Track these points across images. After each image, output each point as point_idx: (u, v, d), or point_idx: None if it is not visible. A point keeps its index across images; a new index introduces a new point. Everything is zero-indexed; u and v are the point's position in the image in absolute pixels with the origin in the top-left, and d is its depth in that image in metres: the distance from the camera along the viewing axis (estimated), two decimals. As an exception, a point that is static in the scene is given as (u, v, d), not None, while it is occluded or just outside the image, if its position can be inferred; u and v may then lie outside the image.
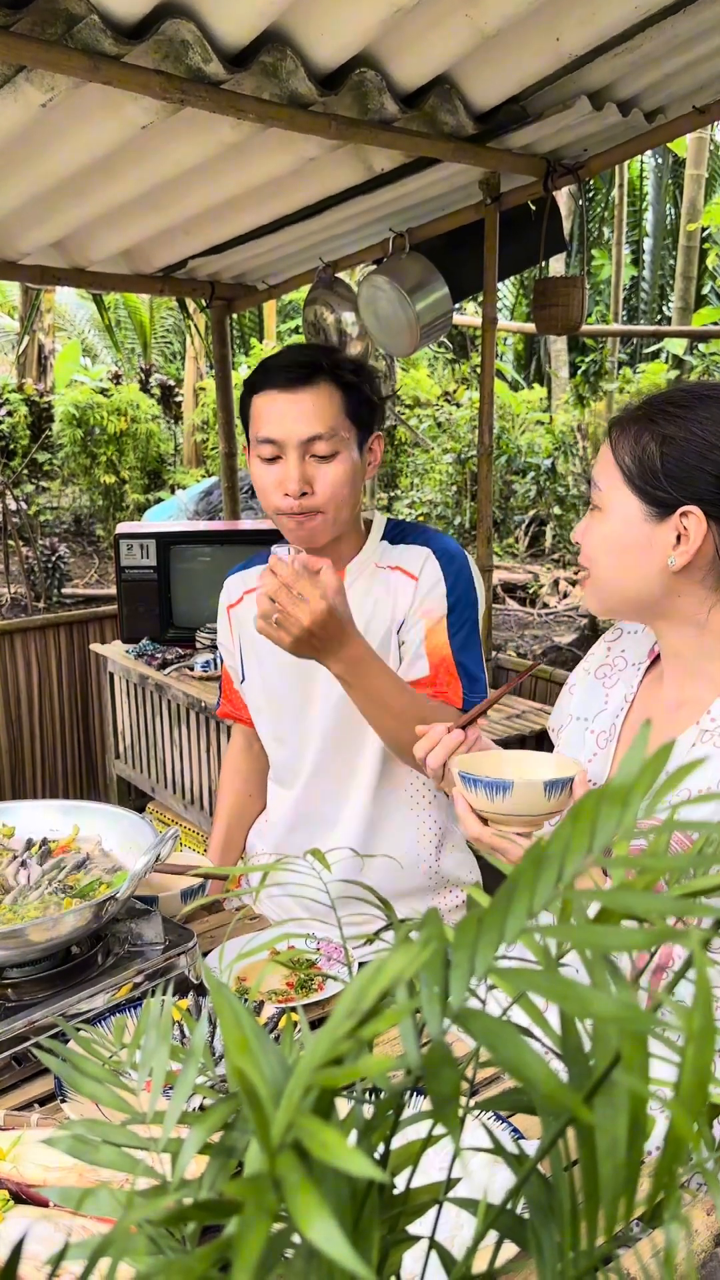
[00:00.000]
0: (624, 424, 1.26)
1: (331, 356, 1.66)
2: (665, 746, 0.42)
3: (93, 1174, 0.98)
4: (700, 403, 1.21)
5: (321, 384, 1.62)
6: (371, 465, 1.74)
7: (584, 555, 1.31)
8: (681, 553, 1.19)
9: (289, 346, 1.73)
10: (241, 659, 1.88)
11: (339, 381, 1.63)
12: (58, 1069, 0.58)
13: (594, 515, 1.28)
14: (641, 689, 1.37)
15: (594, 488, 1.29)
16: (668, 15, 2.28)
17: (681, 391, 1.25)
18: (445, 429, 8.65)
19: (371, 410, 1.70)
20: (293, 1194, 0.32)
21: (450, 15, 2.11)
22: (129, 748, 4.09)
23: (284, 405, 1.61)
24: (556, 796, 1.17)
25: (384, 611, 1.72)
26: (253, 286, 4.09)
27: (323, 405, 1.61)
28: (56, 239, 3.19)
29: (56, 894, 1.45)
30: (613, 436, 1.27)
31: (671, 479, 1.19)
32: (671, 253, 13.56)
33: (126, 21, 1.92)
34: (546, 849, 0.42)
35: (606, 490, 1.25)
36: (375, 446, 1.73)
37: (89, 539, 10.52)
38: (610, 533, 1.25)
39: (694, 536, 1.18)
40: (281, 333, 13.64)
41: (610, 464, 1.25)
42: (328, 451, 1.62)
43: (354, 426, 1.65)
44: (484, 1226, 0.49)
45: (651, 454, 1.20)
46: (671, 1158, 0.35)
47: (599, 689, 1.43)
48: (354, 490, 1.68)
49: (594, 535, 1.28)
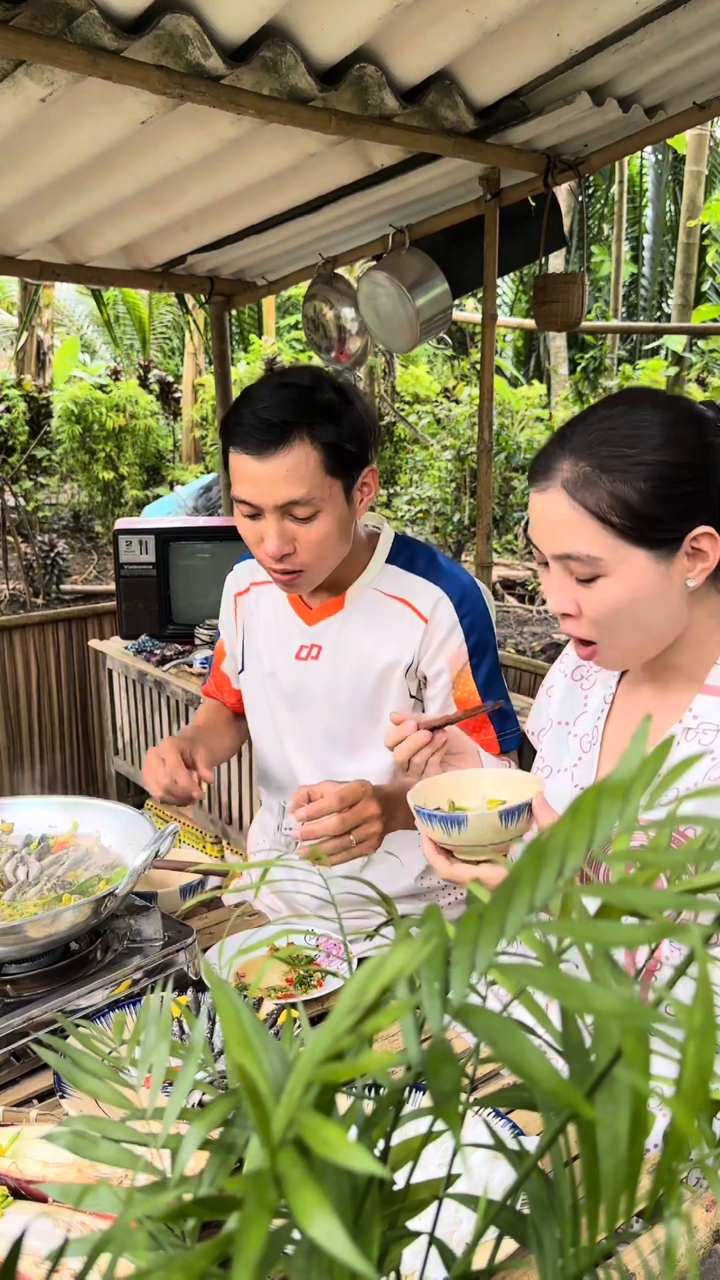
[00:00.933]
0: (582, 480, 1.12)
1: (309, 406, 1.51)
2: (666, 741, 0.42)
3: (92, 1170, 0.98)
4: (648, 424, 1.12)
5: (296, 445, 1.49)
6: (364, 501, 1.63)
7: (588, 628, 1.18)
8: (701, 571, 1.14)
9: (263, 388, 1.55)
10: (243, 649, 1.87)
11: (317, 439, 1.51)
12: (57, 1065, 0.58)
13: (594, 586, 1.15)
14: (620, 690, 1.35)
15: (574, 560, 1.14)
16: (668, 11, 2.28)
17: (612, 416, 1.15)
18: (444, 425, 8.64)
19: (360, 453, 1.58)
20: (294, 1190, 0.32)
21: (451, 10, 2.10)
22: (128, 744, 4.09)
23: (256, 470, 1.51)
24: (514, 824, 1.13)
25: (388, 648, 1.68)
26: (252, 282, 4.08)
27: (298, 469, 1.50)
28: (56, 234, 3.18)
29: (55, 890, 1.45)
30: (576, 496, 1.13)
31: (672, 516, 1.11)
32: (671, 249, 13.55)
33: (126, 16, 1.92)
34: (547, 844, 0.41)
35: (605, 555, 1.12)
36: (369, 480, 1.62)
37: (88, 535, 10.52)
38: (626, 596, 1.14)
39: (712, 554, 1.13)
40: (281, 328, 13.63)
41: (592, 527, 1.12)
42: (307, 514, 1.53)
43: (337, 479, 1.54)
44: (484, 1223, 0.48)
45: (641, 500, 1.10)
46: (672, 1154, 0.35)
47: (577, 691, 1.42)
48: (340, 540, 1.59)
49: (604, 605, 1.15)
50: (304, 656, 1.75)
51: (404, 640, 1.67)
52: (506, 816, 1.12)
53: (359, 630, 1.70)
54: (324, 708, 1.74)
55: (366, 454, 1.61)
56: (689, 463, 1.11)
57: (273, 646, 1.79)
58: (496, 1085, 1.21)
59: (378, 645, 1.68)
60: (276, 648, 1.78)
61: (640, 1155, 0.38)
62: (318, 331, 3.79)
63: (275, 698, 1.79)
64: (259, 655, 1.82)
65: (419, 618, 1.68)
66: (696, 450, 1.12)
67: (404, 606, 1.69)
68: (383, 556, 1.72)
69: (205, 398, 10.53)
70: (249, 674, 1.86)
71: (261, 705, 1.83)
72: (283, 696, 1.77)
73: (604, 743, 1.34)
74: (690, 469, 1.11)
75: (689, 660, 1.23)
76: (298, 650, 1.75)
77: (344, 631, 1.71)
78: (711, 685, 1.21)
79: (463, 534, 8.18)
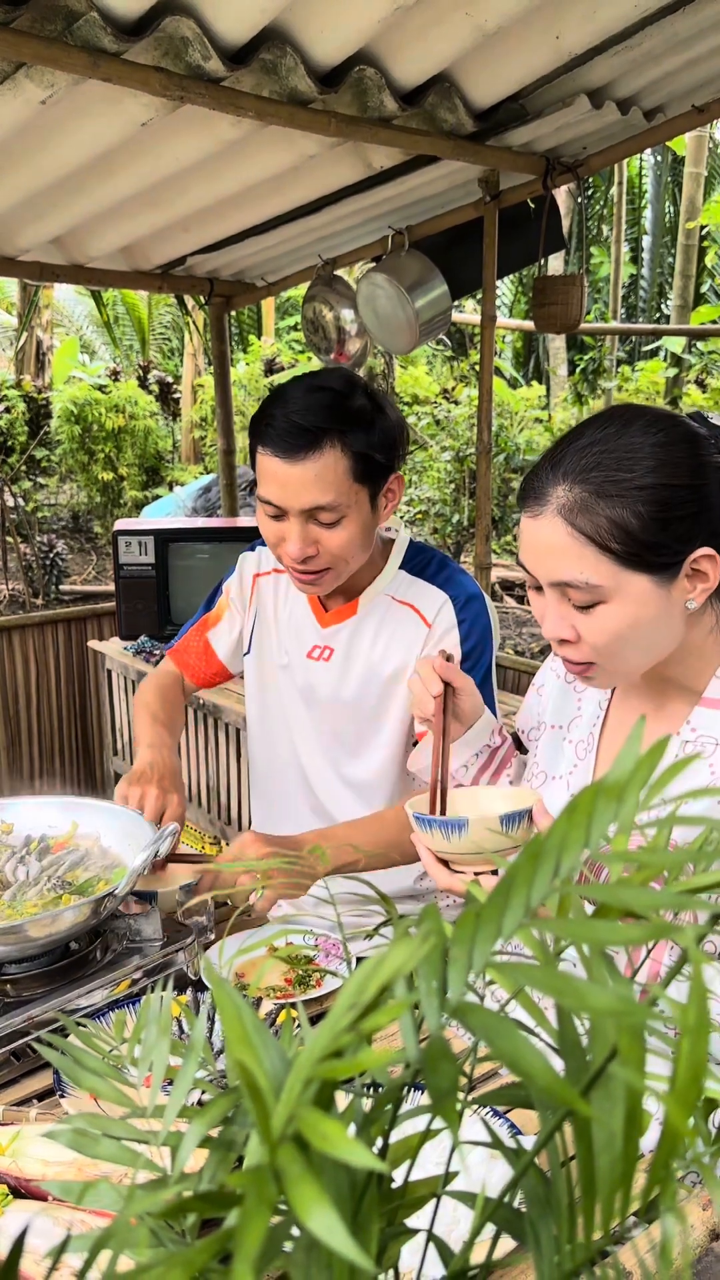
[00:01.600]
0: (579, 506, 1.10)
1: (341, 412, 1.50)
2: (660, 742, 0.42)
3: (92, 1168, 0.98)
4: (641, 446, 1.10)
5: (327, 451, 1.48)
6: (388, 508, 1.63)
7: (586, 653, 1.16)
8: (702, 592, 1.13)
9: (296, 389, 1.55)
10: (253, 632, 1.85)
11: (348, 446, 1.50)
12: (59, 1063, 0.59)
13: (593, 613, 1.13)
14: (615, 697, 1.35)
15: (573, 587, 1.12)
16: (667, 14, 2.28)
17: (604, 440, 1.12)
18: (444, 427, 8.64)
19: (387, 461, 1.57)
20: (294, 1185, 0.32)
21: (450, 13, 2.11)
22: (127, 744, 4.09)
23: (285, 473, 1.50)
24: (514, 830, 1.12)
25: (395, 652, 1.69)
26: (252, 284, 4.08)
27: (326, 475, 1.49)
28: (55, 235, 3.19)
29: (55, 890, 1.45)
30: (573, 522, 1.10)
31: (674, 539, 1.09)
32: (670, 251, 13.56)
33: (126, 18, 1.92)
34: (543, 844, 0.42)
35: (606, 582, 1.10)
36: (395, 487, 1.62)
37: (87, 536, 10.52)
38: (627, 622, 1.12)
39: (713, 575, 1.12)
40: (280, 329, 13.63)
41: (591, 554, 1.10)
42: (333, 519, 1.53)
43: (364, 487, 1.54)
44: (482, 1220, 0.49)
45: (642, 525, 1.08)
46: (667, 1151, 0.36)
47: (570, 694, 1.41)
48: (364, 544, 1.59)
49: (605, 631, 1.13)
50: (316, 656, 1.76)
51: (409, 645, 1.68)
52: (507, 821, 1.11)
53: (370, 636, 1.71)
54: (331, 708, 1.74)
55: (394, 462, 1.60)
56: (686, 484, 1.09)
57: (286, 640, 1.79)
58: (493, 1085, 1.22)
59: (386, 651, 1.69)
60: (291, 641, 1.79)
61: (635, 1152, 0.38)
62: (317, 333, 3.80)
63: (289, 691, 1.79)
64: (269, 644, 1.81)
65: (423, 622, 1.68)
66: (692, 470, 1.10)
67: (411, 612, 1.70)
68: (396, 562, 1.73)
69: (204, 398, 10.54)
70: (257, 661, 1.84)
71: (272, 698, 1.83)
72: (296, 690, 1.78)
73: (599, 751, 1.33)
74: (687, 490, 1.09)
75: (685, 672, 1.22)
76: (310, 649, 1.76)
77: (356, 637, 1.72)
78: (710, 698, 1.19)
79: (462, 535, 8.18)
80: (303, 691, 1.77)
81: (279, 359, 10.84)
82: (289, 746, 1.83)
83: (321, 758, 1.79)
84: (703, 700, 1.20)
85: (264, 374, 10.46)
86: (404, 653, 1.68)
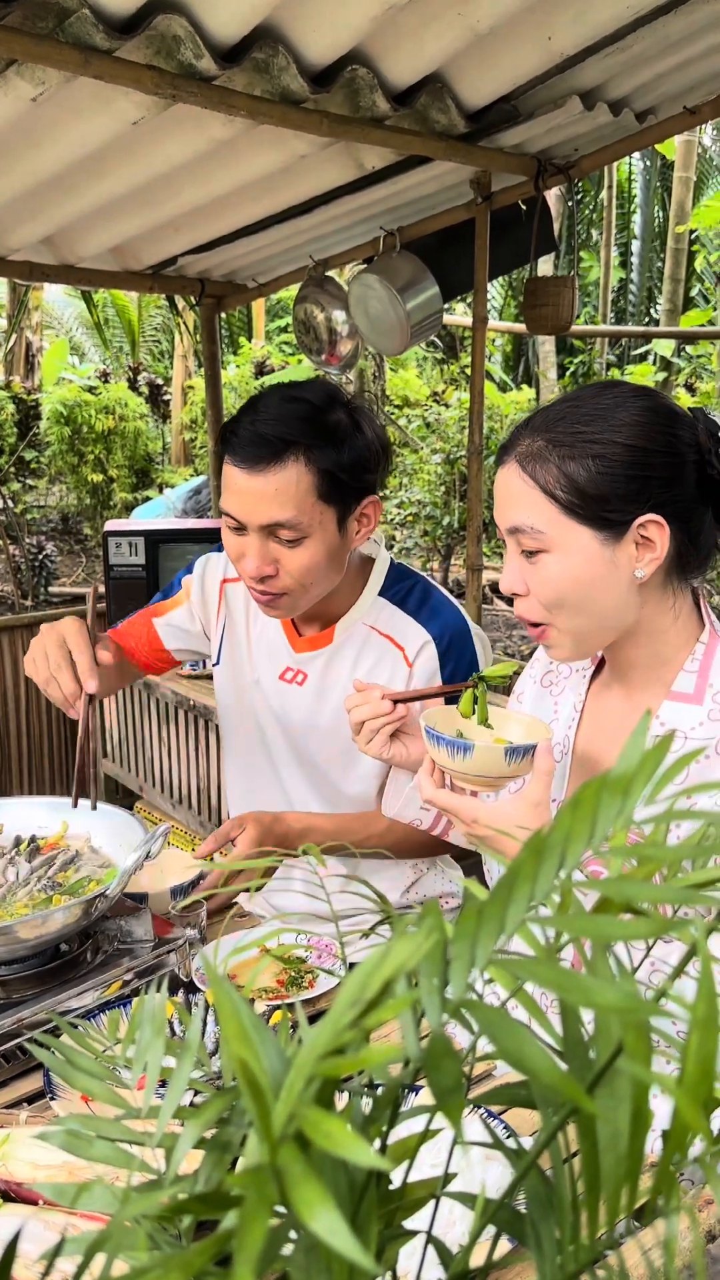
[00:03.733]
0: (534, 453, 1.15)
1: (312, 426, 1.44)
2: (668, 736, 0.42)
3: (83, 1171, 0.97)
4: (611, 407, 1.14)
5: (290, 465, 1.42)
6: (362, 533, 1.55)
7: (535, 609, 1.19)
8: (649, 562, 1.14)
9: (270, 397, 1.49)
10: (222, 643, 1.77)
11: (314, 462, 1.43)
12: (52, 1063, 0.58)
13: (538, 561, 1.16)
14: (590, 697, 1.35)
15: (521, 532, 1.16)
16: (659, 15, 2.28)
17: (580, 400, 1.17)
18: (434, 429, 8.64)
19: (356, 483, 1.50)
20: (295, 1185, 0.32)
21: (442, 13, 2.10)
22: (117, 746, 4.07)
23: (245, 484, 1.44)
24: (516, 762, 1.17)
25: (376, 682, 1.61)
26: (242, 284, 4.08)
27: (288, 490, 1.42)
28: (45, 235, 3.17)
29: (45, 891, 1.44)
30: (527, 469, 1.15)
31: (619, 497, 1.12)
32: (659, 255, 13.61)
33: (118, 16, 1.91)
34: (547, 839, 0.41)
35: (548, 530, 1.14)
36: (370, 512, 1.54)
37: (76, 537, 10.50)
38: (569, 574, 1.14)
39: (659, 544, 1.13)
40: (270, 331, 13.63)
41: (539, 500, 1.14)
42: (293, 537, 1.45)
43: (330, 506, 1.46)
44: (482, 1221, 0.48)
45: (589, 477, 1.11)
46: (675, 1146, 0.35)
47: (547, 697, 1.41)
48: (329, 569, 1.51)
49: (548, 583, 1.16)
50: (289, 679, 1.70)
51: (388, 680, 1.63)
52: (511, 754, 1.16)
53: (346, 666, 1.65)
54: (307, 733, 1.70)
55: (368, 483, 1.52)
56: (647, 449, 1.12)
57: (258, 656, 1.74)
58: (487, 1087, 1.21)
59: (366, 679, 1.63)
60: (263, 659, 1.73)
61: (641, 1150, 0.38)
62: (308, 334, 3.79)
63: (263, 710, 1.74)
64: (240, 658, 1.76)
65: (404, 660, 1.62)
66: (661, 440, 1.13)
67: (391, 645, 1.63)
68: (375, 588, 1.65)
69: (195, 400, 10.53)
70: (229, 673, 1.78)
71: (247, 715, 1.77)
72: (270, 711, 1.73)
73: (575, 750, 1.34)
74: (648, 455, 1.12)
75: (653, 660, 1.23)
76: (282, 670, 1.71)
77: (331, 665, 1.66)
78: (678, 692, 1.21)
79: (452, 538, 8.18)
80: (277, 714, 1.72)
81: (270, 361, 10.84)
82: (268, 765, 1.78)
83: (303, 781, 1.74)
84: (670, 694, 1.21)
85: (255, 376, 10.46)
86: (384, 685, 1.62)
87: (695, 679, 1.20)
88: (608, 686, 1.32)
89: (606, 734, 1.31)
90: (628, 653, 1.24)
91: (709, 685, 1.19)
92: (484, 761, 1.17)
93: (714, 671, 1.20)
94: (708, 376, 10.02)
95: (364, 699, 1.39)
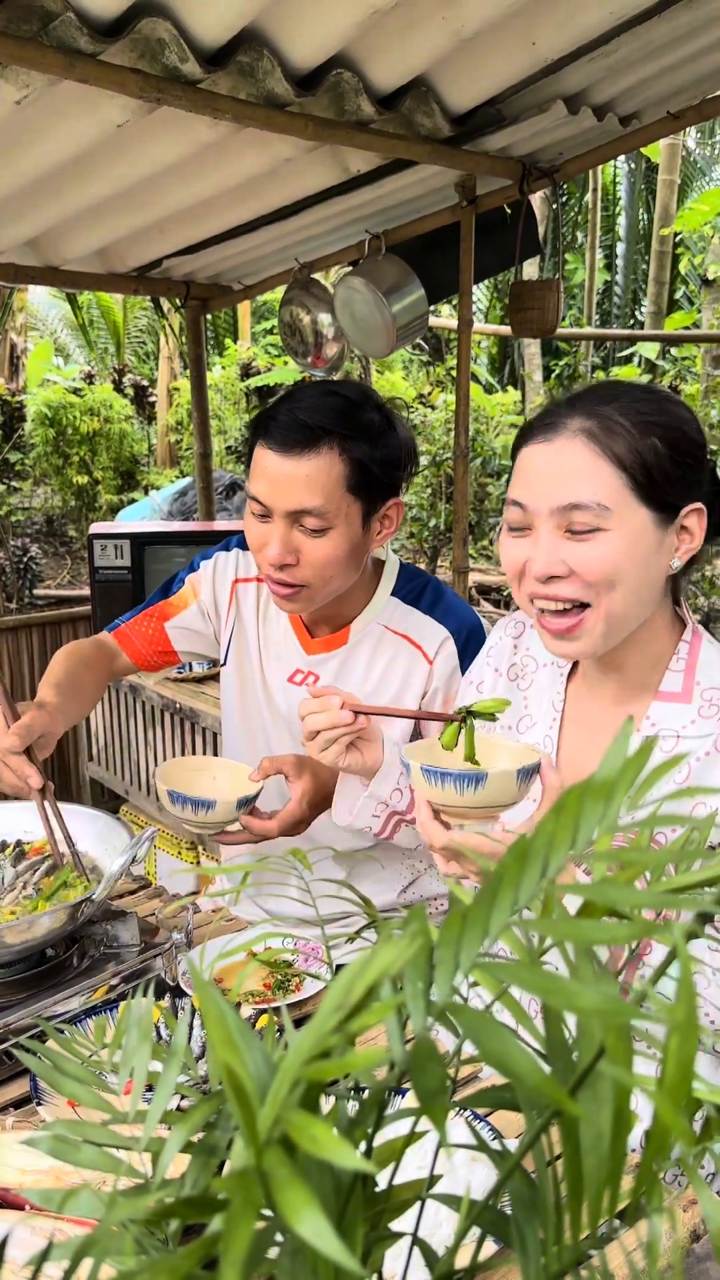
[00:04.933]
0: (605, 430, 1.12)
1: (348, 419, 1.46)
2: (649, 741, 0.42)
3: (71, 1176, 0.97)
4: (662, 399, 1.17)
5: (324, 453, 1.44)
6: (384, 534, 1.57)
7: (581, 591, 1.13)
8: (685, 552, 1.15)
9: (309, 389, 1.52)
10: (230, 643, 1.76)
11: (347, 453, 1.45)
12: (38, 1069, 0.58)
13: (592, 540, 1.11)
14: (571, 699, 1.34)
15: (581, 509, 1.11)
16: (643, 20, 2.30)
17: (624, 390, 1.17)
18: (420, 432, 8.66)
19: (388, 478, 1.52)
20: (280, 1188, 0.32)
21: (427, 17, 2.11)
22: (102, 749, 4.06)
23: (276, 468, 1.45)
24: (525, 784, 1.14)
25: (391, 684, 1.64)
26: (228, 287, 4.08)
27: (319, 478, 1.44)
28: (30, 237, 3.16)
29: (31, 896, 1.44)
30: (597, 444, 1.11)
31: (679, 483, 1.13)
32: (644, 257, 13.66)
33: (103, 19, 1.91)
34: (530, 844, 0.42)
35: (615, 506, 1.10)
36: (393, 514, 1.55)
37: (61, 539, 10.46)
38: (624, 555, 1.11)
39: (698, 534, 1.15)
40: (256, 333, 13.62)
41: (609, 475, 1.10)
42: (318, 526, 1.46)
43: (356, 500, 1.48)
44: (467, 1223, 0.49)
45: (658, 458, 1.11)
46: (656, 1148, 0.36)
47: (515, 693, 1.39)
48: (349, 564, 1.52)
49: (603, 561, 1.11)
50: (299, 682, 1.70)
51: (409, 680, 1.63)
52: (523, 775, 1.11)
53: (362, 667, 1.65)
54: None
55: (396, 482, 1.55)
56: (700, 442, 1.16)
57: (267, 659, 1.73)
58: (473, 1089, 1.21)
59: (381, 683, 1.64)
60: (272, 662, 1.72)
61: (623, 1152, 0.38)
62: (294, 336, 3.79)
63: (271, 715, 1.73)
64: (249, 661, 1.75)
65: (424, 658, 1.63)
66: (697, 429, 1.16)
67: (408, 644, 1.64)
68: (388, 589, 1.66)
69: (180, 402, 10.51)
70: (236, 676, 1.77)
71: (254, 718, 1.76)
72: (281, 719, 1.72)
73: (560, 752, 1.32)
74: (700, 449, 1.16)
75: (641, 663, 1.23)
76: (292, 673, 1.70)
77: (346, 667, 1.66)
78: (666, 691, 1.21)
79: (439, 539, 8.20)
80: (286, 719, 1.71)
81: (256, 363, 10.83)
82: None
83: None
84: (659, 694, 1.21)
85: (241, 378, 10.45)
86: (400, 685, 1.63)
87: (682, 678, 1.21)
88: (592, 688, 1.31)
89: (591, 739, 1.30)
90: (620, 653, 1.23)
91: (696, 683, 1.20)
92: (496, 790, 1.11)
93: (700, 669, 1.21)
94: (692, 379, 10.07)
95: (321, 706, 1.35)
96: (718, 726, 1.17)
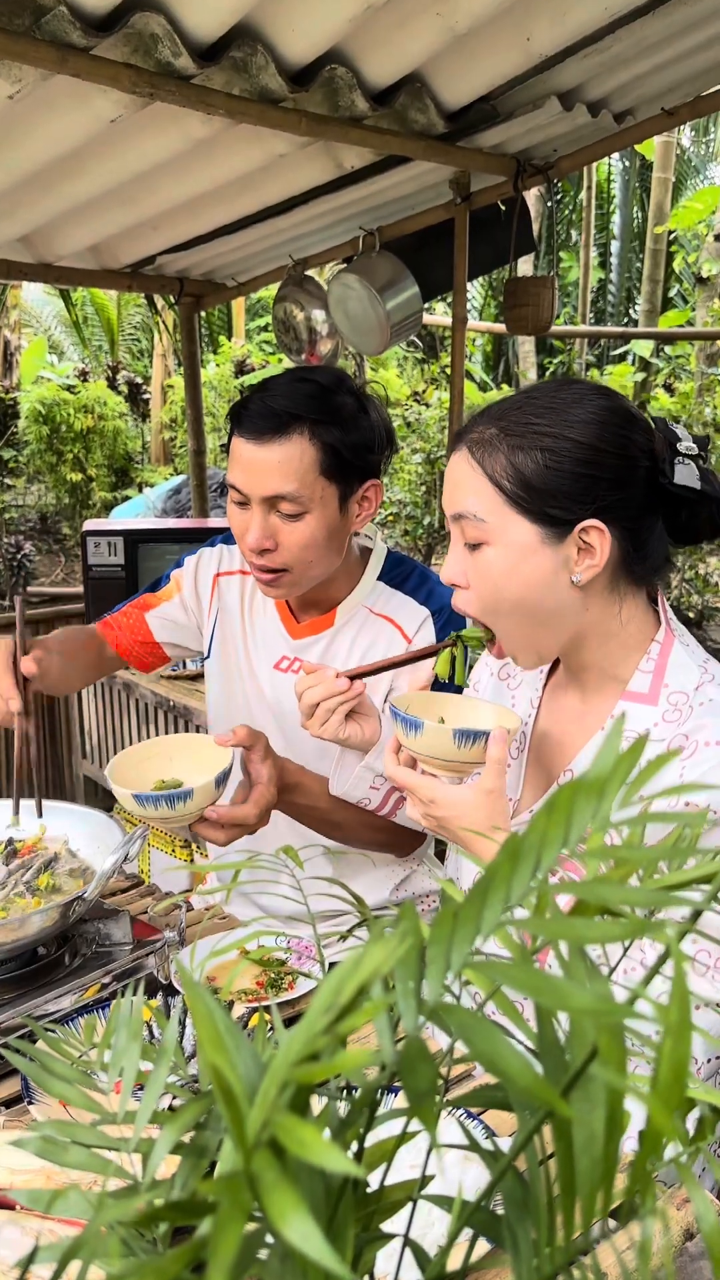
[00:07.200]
0: (484, 441, 1.13)
1: (320, 404, 1.49)
2: (641, 740, 0.42)
3: (61, 1176, 0.97)
4: (569, 402, 1.12)
5: (295, 438, 1.46)
6: (362, 517, 1.59)
7: (476, 604, 1.18)
8: (588, 568, 1.12)
9: (281, 377, 1.54)
10: (213, 635, 1.78)
11: (318, 438, 1.48)
12: (27, 1069, 0.58)
13: (479, 554, 1.14)
14: (546, 695, 1.35)
15: (465, 520, 1.14)
16: (638, 17, 2.29)
17: (538, 393, 1.16)
18: (414, 429, 8.65)
19: (363, 463, 1.54)
20: (269, 1192, 0.31)
21: (421, 13, 2.10)
22: (95, 747, 4.06)
23: (250, 455, 1.48)
24: (468, 747, 1.16)
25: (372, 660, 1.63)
26: (222, 283, 4.07)
27: (292, 463, 1.47)
28: (23, 233, 3.15)
29: (23, 894, 1.43)
30: (475, 456, 1.13)
31: (565, 495, 1.10)
32: (638, 255, 13.66)
33: (95, 13, 1.90)
34: (522, 842, 0.41)
35: (490, 519, 1.12)
36: (371, 495, 1.58)
37: (55, 537, 10.44)
38: (506, 567, 1.13)
39: (600, 551, 1.11)
40: (250, 330, 13.60)
41: (484, 487, 1.12)
42: (294, 511, 1.49)
43: (332, 483, 1.50)
44: (459, 1224, 0.48)
45: (535, 470, 1.10)
46: (649, 1149, 0.35)
47: (505, 691, 1.41)
48: (328, 547, 1.54)
49: (487, 578, 1.14)
50: (285, 668, 1.70)
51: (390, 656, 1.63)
52: (461, 736, 1.16)
53: (345, 649, 1.67)
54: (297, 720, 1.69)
55: (372, 466, 1.57)
56: (599, 448, 1.10)
57: (252, 648, 1.74)
58: (467, 1087, 1.21)
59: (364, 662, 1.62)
60: (258, 650, 1.73)
61: (616, 1153, 0.38)
62: (288, 333, 3.79)
63: (257, 704, 1.74)
64: (234, 651, 1.76)
65: (402, 636, 1.64)
66: (614, 442, 1.11)
67: (389, 625, 1.65)
68: (374, 573, 1.68)
69: (174, 399, 10.49)
70: (220, 667, 1.79)
71: (239, 709, 1.77)
72: (265, 704, 1.73)
73: (530, 749, 1.33)
74: (599, 455, 1.10)
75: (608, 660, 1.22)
76: (278, 660, 1.71)
77: (330, 649, 1.68)
78: (633, 692, 1.19)
79: (432, 537, 8.20)
80: (272, 706, 1.72)
81: (250, 360, 10.82)
82: None
83: None
84: (625, 694, 1.20)
85: (235, 375, 10.44)
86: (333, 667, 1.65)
87: (650, 679, 1.18)
88: (563, 686, 1.31)
89: (561, 732, 1.30)
90: (579, 655, 1.23)
91: (664, 685, 1.17)
92: (432, 741, 1.17)
93: (669, 671, 1.18)
94: (686, 377, 10.08)
95: (317, 679, 1.38)
96: (679, 731, 1.14)
